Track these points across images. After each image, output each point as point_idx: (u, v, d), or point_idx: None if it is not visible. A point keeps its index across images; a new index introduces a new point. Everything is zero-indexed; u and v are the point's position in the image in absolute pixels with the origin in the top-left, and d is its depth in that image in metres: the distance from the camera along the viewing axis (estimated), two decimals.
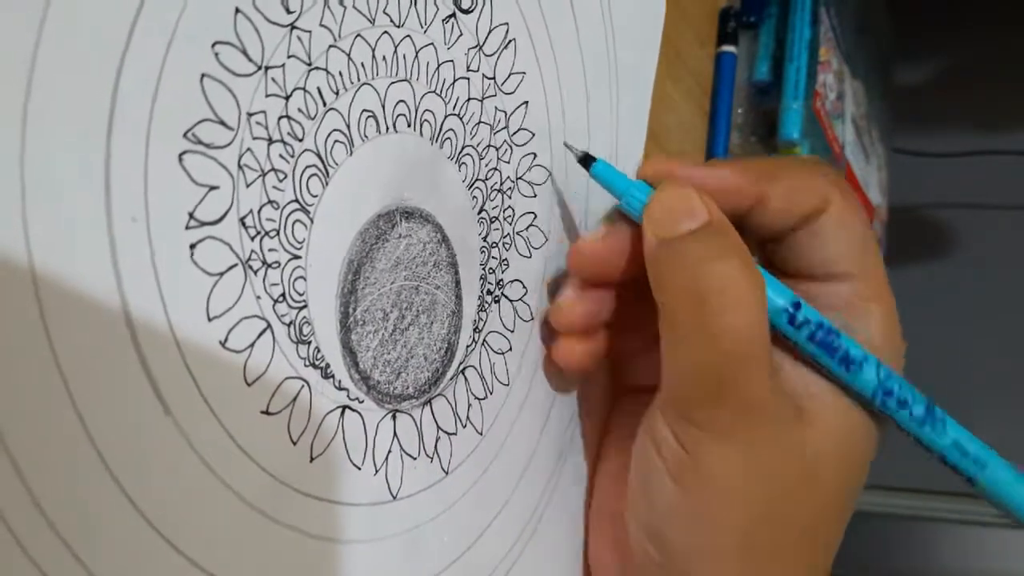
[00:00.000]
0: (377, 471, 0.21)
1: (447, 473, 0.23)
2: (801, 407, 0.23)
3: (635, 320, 0.26)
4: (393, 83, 0.21)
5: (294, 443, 0.18)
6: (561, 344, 0.26)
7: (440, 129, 0.23)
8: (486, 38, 0.24)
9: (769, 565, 0.22)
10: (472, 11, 0.23)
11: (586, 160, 0.25)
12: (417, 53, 0.21)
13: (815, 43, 0.45)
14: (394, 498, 0.21)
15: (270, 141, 0.17)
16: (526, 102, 0.26)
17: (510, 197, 0.26)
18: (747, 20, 0.44)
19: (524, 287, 0.27)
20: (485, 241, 0.25)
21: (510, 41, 0.25)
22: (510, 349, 0.26)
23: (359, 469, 0.20)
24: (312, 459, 0.19)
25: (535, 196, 0.27)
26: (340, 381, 0.20)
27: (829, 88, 0.50)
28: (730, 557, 0.22)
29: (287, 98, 0.18)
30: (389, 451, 0.21)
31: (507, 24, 0.25)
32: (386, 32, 0.20)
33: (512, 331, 0.26)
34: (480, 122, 0.24)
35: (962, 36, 0.93)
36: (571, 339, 0.25)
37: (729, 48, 0.42)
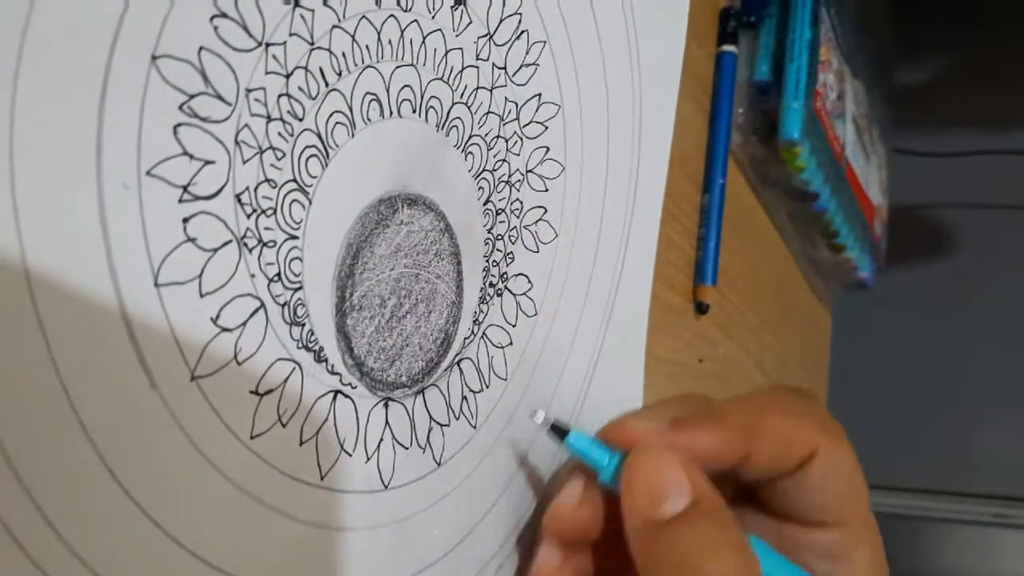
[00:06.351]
0: (368, 459, 0.20)
1: (439, 464, 0.23)
2: None
3: (620, 566, 0.24)
4: (399, 67, 0.21)
5: (284, 425, 0.18)
6: None
7: (447, 116, 0.22)
8: (497, 27, 0.24)
9: None
10: None
11: (557, 429, 0.24)
12: (424, 39, 0.21)
13: (815, 43, 0.45)
14: (386, 487, 0.21)
15: (269, 119, 0.17)
16: (539, 94, 0.26)
17: (518, 190, 0.25)
18: (747, 20, 0.44)
19: (529, 282, 0.26)
20: (490, 233, 0.24)
21: (523, 32, 0.25)
22: (510, 343, 0.25)
23: (350, 456, 0.20)
24: (302, 443, 0.19)
25: (547, 191, 0.27)
26: (333, 365, 0.19)
27: (829, 88, 0.49)
28: None
29: (288, 76, 0.18)
30: (381, 439, 0.21)
31: (520, 14, 0.24)
32: (392, 15, 0.20)
33: (514, 326, 0.26)
34: (489, 112, 0.24)
35: (962, 36, 0.92)
36: None
37: (729, 48, 0.42)
